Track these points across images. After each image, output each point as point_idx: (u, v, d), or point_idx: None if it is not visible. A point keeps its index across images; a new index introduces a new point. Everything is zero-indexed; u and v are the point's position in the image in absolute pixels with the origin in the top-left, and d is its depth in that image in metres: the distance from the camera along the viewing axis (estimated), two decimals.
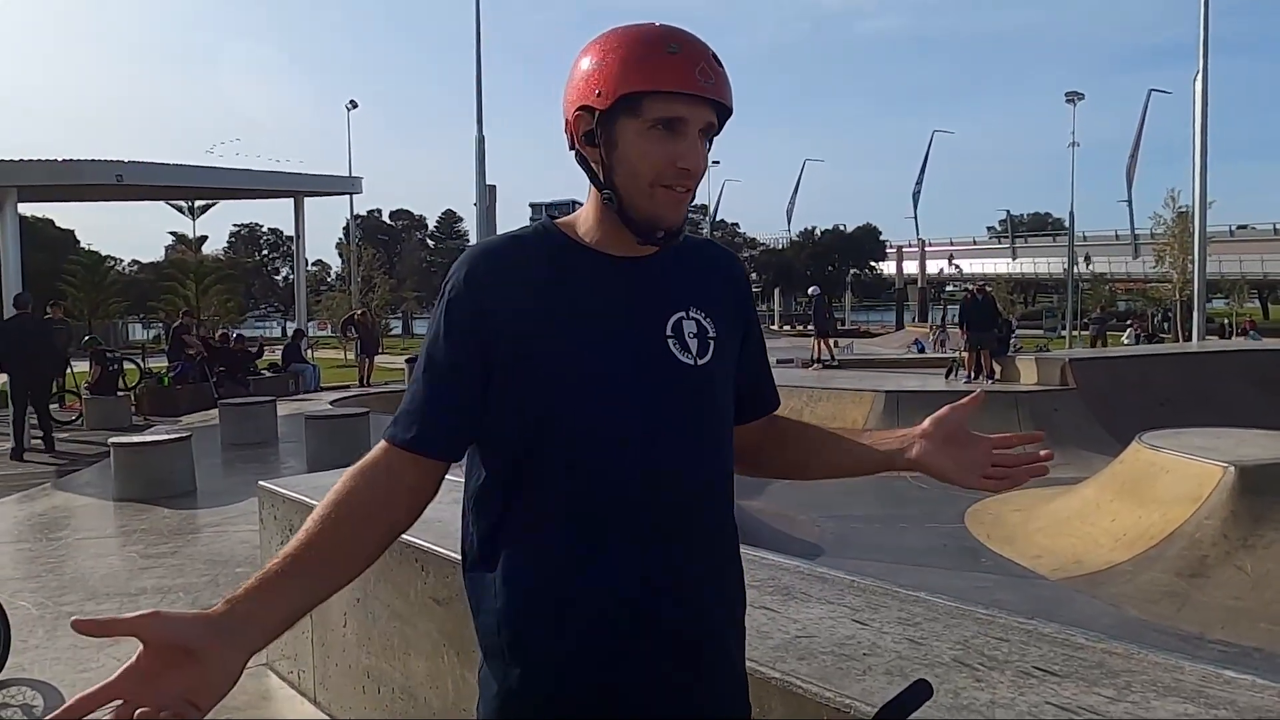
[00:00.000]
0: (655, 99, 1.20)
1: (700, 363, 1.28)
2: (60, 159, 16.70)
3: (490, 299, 1.23)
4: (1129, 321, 32.25)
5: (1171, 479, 7.32)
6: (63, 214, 46.06)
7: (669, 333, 1.28)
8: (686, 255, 1.35)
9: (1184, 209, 29.69)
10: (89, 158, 17.14)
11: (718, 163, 52.11)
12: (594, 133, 1.24)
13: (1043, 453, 1.41)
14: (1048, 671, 1.76)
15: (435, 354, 1.25)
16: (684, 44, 1.22)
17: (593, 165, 1.27)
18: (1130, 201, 46.13)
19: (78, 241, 48.64)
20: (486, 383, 1.23)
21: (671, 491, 1.25)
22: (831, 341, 20.25)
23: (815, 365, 18.50)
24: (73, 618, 0.97)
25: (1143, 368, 14.03)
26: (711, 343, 1.30)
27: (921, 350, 25.66)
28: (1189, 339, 21.21)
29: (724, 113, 1.26)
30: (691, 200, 1.30)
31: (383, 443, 1.26)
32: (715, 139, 1.29)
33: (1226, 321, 37.74)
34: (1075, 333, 35.78)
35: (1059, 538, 7.92)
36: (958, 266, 51.50)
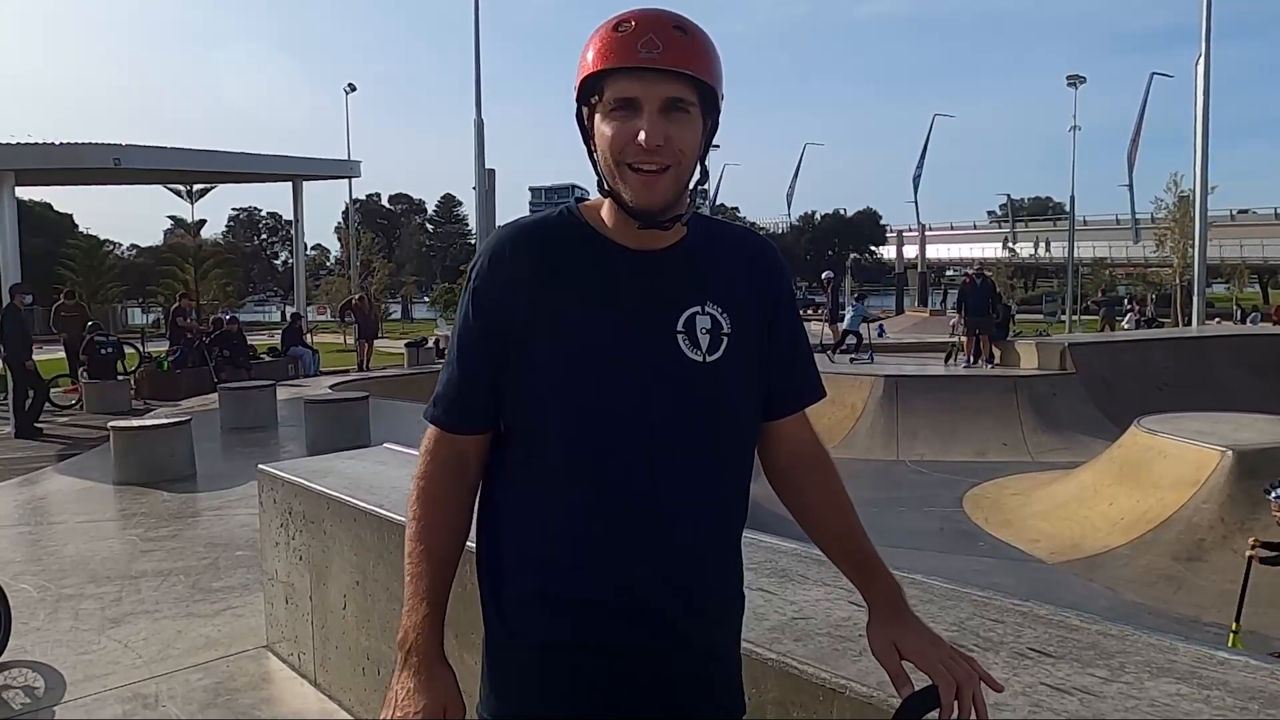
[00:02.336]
0: (612, 82, 1.20)
1: (710, 359, 1.27)
2: (58, 142, 16.61)
3: (512, 276, 1.27)
4: (1129, 306, 32.22)
5: (1169, 463, 7.34)
6: (61, 198, 46.02)
7: (680, 328, 1.27)
8: (713, 247, 1.33)
9: (1185, 193, 29.61)
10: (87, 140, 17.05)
11: (717, 147, 51.78)
12: (586, 128, 1.27)
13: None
14: (1042, 653, 1.77)
15: (465, 334, 1.31)
16: (637, 20, 1.20)
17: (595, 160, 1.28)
18: (1131, 186, 45.85)
19: (76, 226, 48.57)
20: (507, 355, 1.28)
21: (669, 484, 1.26)
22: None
23: (836, 351, 18.47)
24: None
25: (1141, 352, 14.04)
26: (725, 339, 1.28)
27: (881, 334, 25.75)
28: (1189, 324, 21.20)
29: (700, 84, 1.21)
30: (681, 181, 1.23)
31: (434, 430, 1.34)
32: (718, 116, 1.25)
33: (1238, 307, 37.63)
34: (1075, 317, 35.76)
35: (1057, 521, 7.95)
36: (1012, 250, 50.72)
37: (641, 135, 1.18)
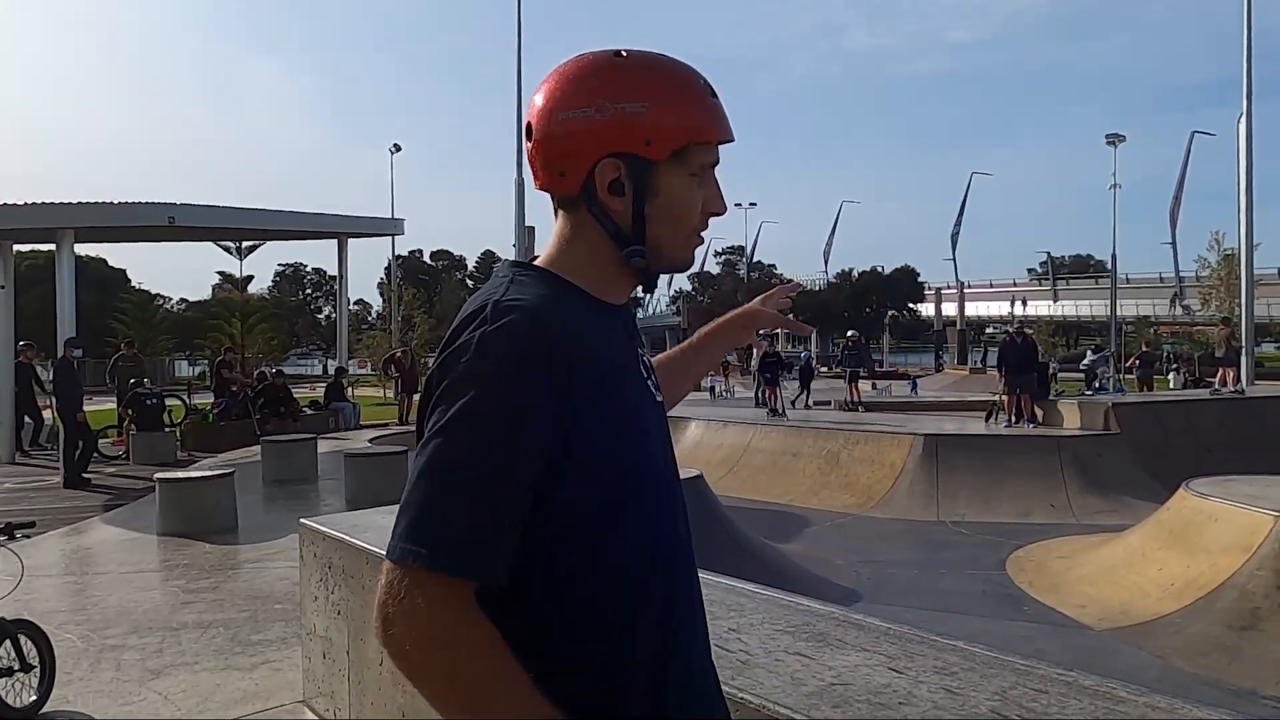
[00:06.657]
0: (700, 147, 1.15)
1: (661, 397, 1.25)
2: (116, 201, 17.17)
3: (567, 373, 1.04)
4: (1174, 365, 31.58)
5: (1220, 527, 7.14)
6: (116, 253, 47.50)
7: (646, 374, 1.22)
8: None
9: (1229, 251, 29.20)
10: (143, 200, 17.64)
11: (754, 204, 52.39)
12: (620, 182, 1.13)
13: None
14: None
15: (502, 452, 1.01)
16: (713, 88, 1.18)
17: (614, 217, 1.14)
18: (1174, 243, 45.46)
19: (129, 280, 50.05)
20: (558, 471, 1.05)
21: (681, 526, 1.21)
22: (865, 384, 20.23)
23: (860, 408, 18.53)
24: None
25: (1189, 413, 13.75)
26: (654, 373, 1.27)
27: (915, 390, 25.66)
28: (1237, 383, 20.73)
29: None
30: None
31: (448, 583, 1.02)
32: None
33: None
34: (1119, 376, 35.12)
35: (1104, 586, 7.74)
36: (1186, 307, 49.42)
37: (720, 206, 1.20)
